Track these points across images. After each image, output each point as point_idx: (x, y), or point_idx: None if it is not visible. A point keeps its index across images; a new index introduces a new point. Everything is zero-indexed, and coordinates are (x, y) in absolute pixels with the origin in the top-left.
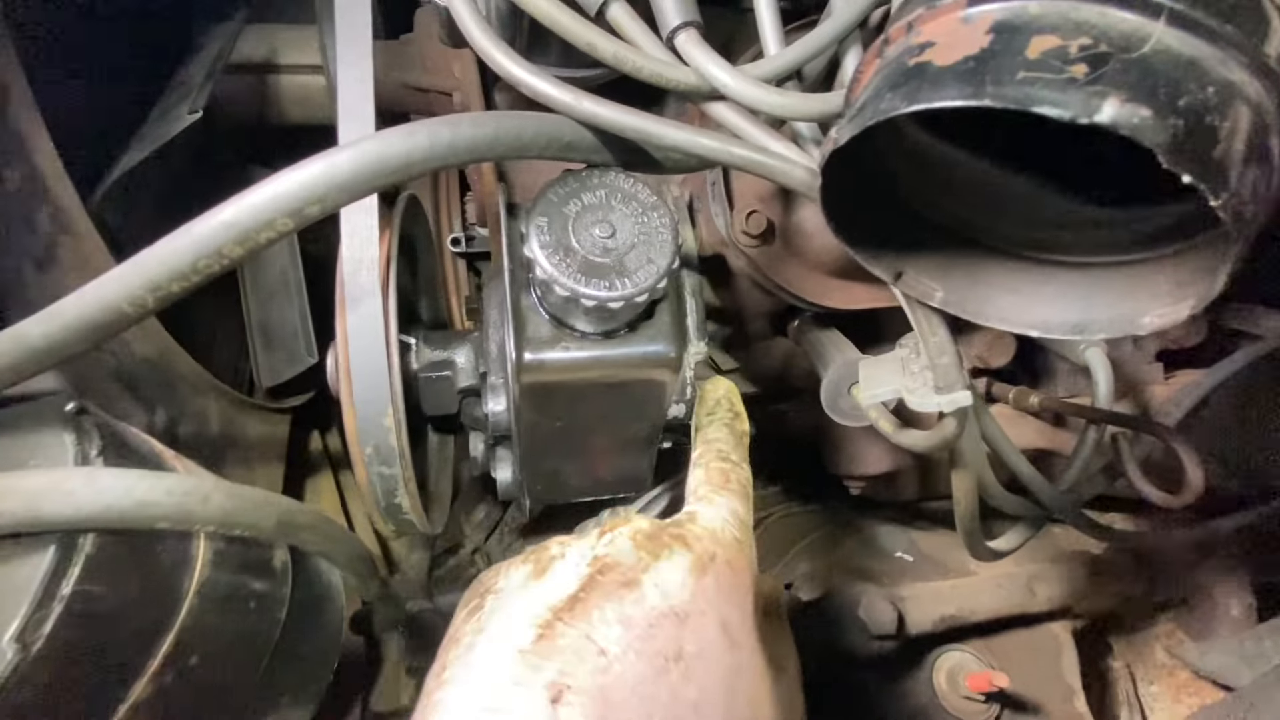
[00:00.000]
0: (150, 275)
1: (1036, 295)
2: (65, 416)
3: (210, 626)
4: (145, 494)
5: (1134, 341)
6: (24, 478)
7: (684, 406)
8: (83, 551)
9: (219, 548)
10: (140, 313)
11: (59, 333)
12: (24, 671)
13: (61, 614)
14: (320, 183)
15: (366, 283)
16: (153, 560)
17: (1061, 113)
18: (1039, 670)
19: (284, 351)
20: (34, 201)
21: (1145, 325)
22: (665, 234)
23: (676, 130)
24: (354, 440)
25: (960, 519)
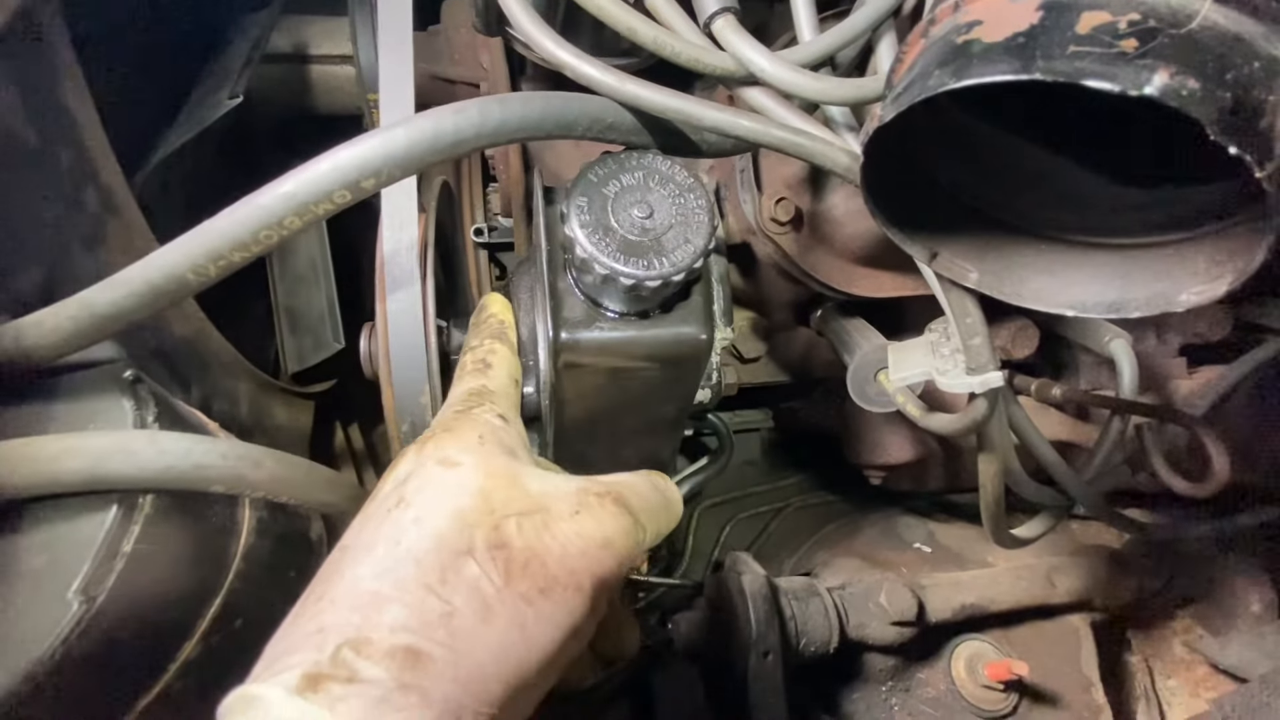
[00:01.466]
0: (214, 244)
1: (1072, 276)
2: (124, 383)
3: (254, 592)
4: (202, 457)
5: (1157, 335)
6: (89, 438)
7: (708, 391)
8: (142, 511)
9: (261, 516)
10: (202, 281)
11: (125, 299)
12: (87, 624)
13: (123, 570)
14: (377, 157)
15: (406, 263)
16: (204, 524)
17: (1112, 86)
18: (1057, 661)
19: (310, 337)
20: (83, 181)
21: (1183, 302)
22: (702, 215)
23: (717, 111)
24: (391, 417)
25: (985, 505)
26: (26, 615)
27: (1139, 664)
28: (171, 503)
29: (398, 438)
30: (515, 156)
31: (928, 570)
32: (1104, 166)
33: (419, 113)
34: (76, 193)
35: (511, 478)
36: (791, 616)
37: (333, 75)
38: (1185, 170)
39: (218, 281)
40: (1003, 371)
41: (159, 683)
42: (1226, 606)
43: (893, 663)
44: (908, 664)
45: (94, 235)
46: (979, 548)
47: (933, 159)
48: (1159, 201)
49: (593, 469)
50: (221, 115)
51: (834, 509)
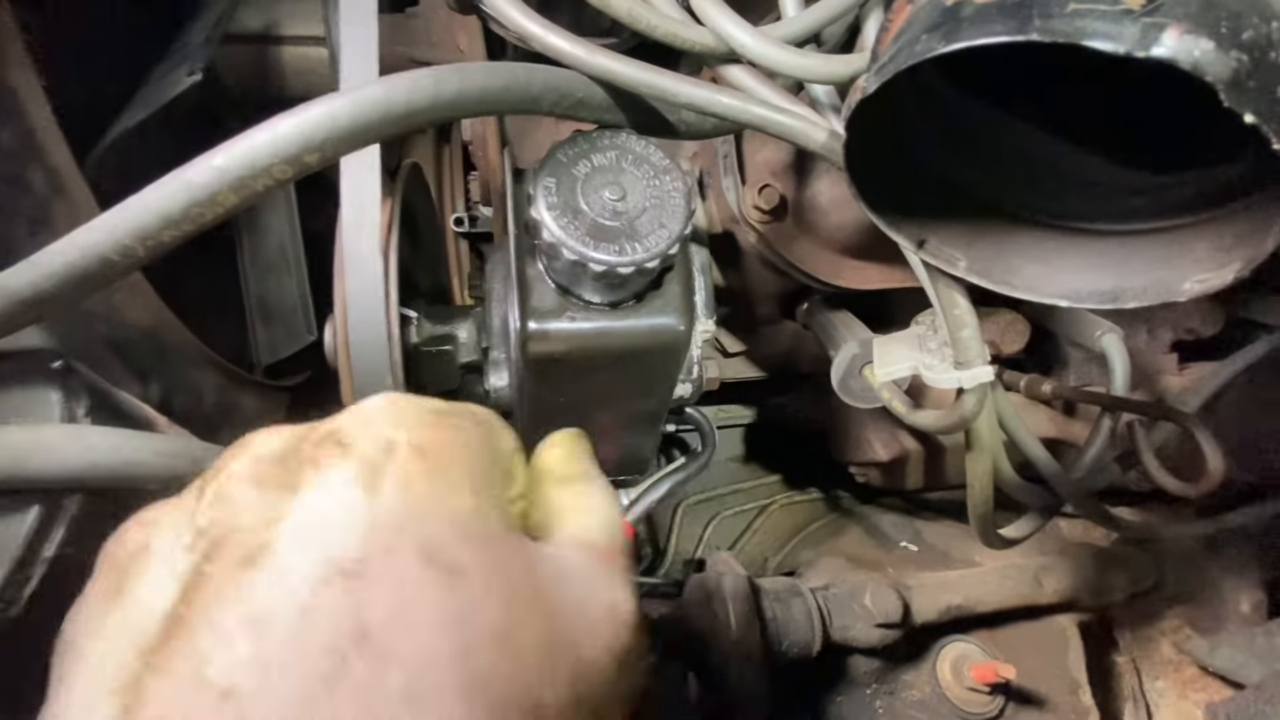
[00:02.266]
0: (140, 222)
1: (1066, 264)
2: (51, 374)
3: None
4: (133, 454)
5: (1148, 331)
6: (7, 433)
7: (689, 386)
8: (68, 513)
9: None
10: (130, 262)
11: (44, 282)
12: (1, 633)
13: (44, 577)
14: (320, 128)
15: (367, 247)
16: None
17: (1116, 46)
18: (1044, 663)
19: (283, 328)
20: (28, 161)
21: (1186, 291)
22: (678, 198)
23: (694, 87)
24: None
25: (973, 504)
26: None
27: (1126, 665)
28: (103, 503)
29: None
30: (494, 141)
31: (914, 570)
32: (1101, 147)
33: (368, 81)
34: (20, 173)
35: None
36: (773, 618)
37: (304, 57)
38: (1189, 151)
39: (149, 263)
40: (992, 366)
41: None
42: (1215, 607)
43: (877, 665)
44: (893, 666)
45: (39, 218)
46: (966, 546)
47: (921, 141)
48: (1159, 185)
49: None
50: (182, 93)
51: (819, 507)
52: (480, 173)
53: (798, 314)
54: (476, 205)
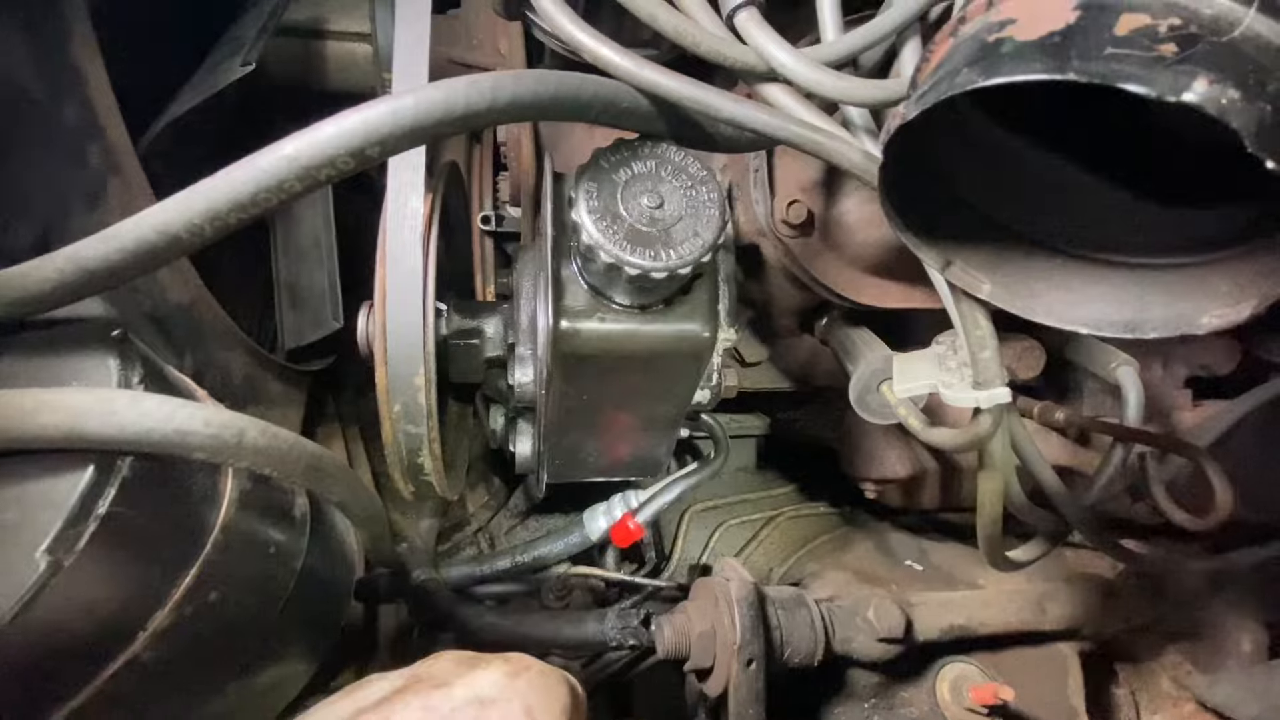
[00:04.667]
0: (211, 204)
1: (1088, 293)
2: (110, 342)
3: (231, 565)
4: (185, 422)
5: (1163, 366)
6: (69, 394)
7: (708, 392)
8: (120, 474)
9: (245, 488)
10: (196, 241)
11: (115, 255)
12: (53, 585)
13: (95, 532)
14: (384, 124)
15: (409, 239)
16: (184, 491)
17: (1149, 90)
18: (1043, 689)
19: (310, 314)
20: (87, 138)
21: (1204, 325)
22: (713, 209)
23: (735, 103)
24: (383, 396)
25: (982, 524)
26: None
27: (1125, 697)
28: (151, 468)
29: (389, 418)
30: (528, 143)
31: (918, 588)
32: (1127, 183)
33: (430, 84)
34: (79, 149)
35: None
36: (777, 625)
37: (349, 52)
38: (1211, 189)
39: (213, 242)
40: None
41: (126, 651)
42: (1217, 644)
43: (877, 680)
44: (892, 682)
45: (95, 193)
46: (970, 569)
47: (952, 167)
48: (1180, 221)
49: (585, 465)
50: (233, 82)
51: (826, 521)
52: (511, 174)
53: (816, 329)
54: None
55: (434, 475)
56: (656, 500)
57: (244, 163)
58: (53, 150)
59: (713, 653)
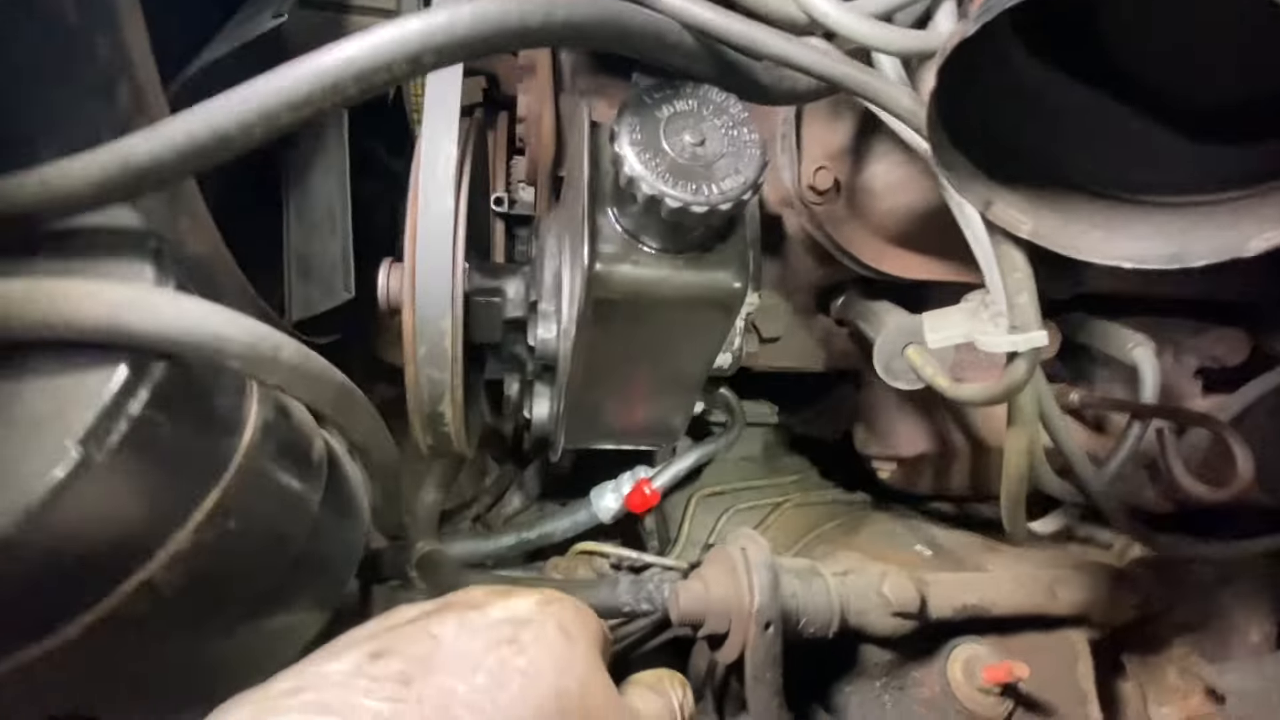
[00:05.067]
0: (264, 101)
1: (1131, 231)
2: (149, 250)
3: (252, 496)
4: (222, 327)
5: (1174, 356)
6: (111, 287)
7: (729, 356)
8: (153, 378)
9: (268, 419)
10: (246, 140)
11: (164, 151)
12: (81, 479)
13: (127, 433)
14: (441, 32)
15: (443, 181)
16: (211, 409)
17: None
18: (1054, 674)
19: (321, 284)
20: (118, 75)
21: (1252, 248)
22: (754, 149)
23: (783, 40)
24: (409, 339)
25: (1007, 483)
26: (24, 459)
27: (1133, 690)
28: (184, 376)
29: (413, 361)
30: (548, 119)
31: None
32: (1171, 122)
33: None
34: (109, 86)
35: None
36: (793, 594)
37: None
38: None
39: (262, 144)
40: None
41: (145, 568)
42: (1224, 636)
43: (889, 658)
44: (904, 661)
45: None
46: (980, 556)
47: (994, 109)
48: (1228, 156)
49: (603, 428)
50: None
51: (834, 509)
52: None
53: (833, 309)
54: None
55: (453, 426)
56: (673, 467)
57: (300, 61)
58: (84, 81)
59: (729, 618)
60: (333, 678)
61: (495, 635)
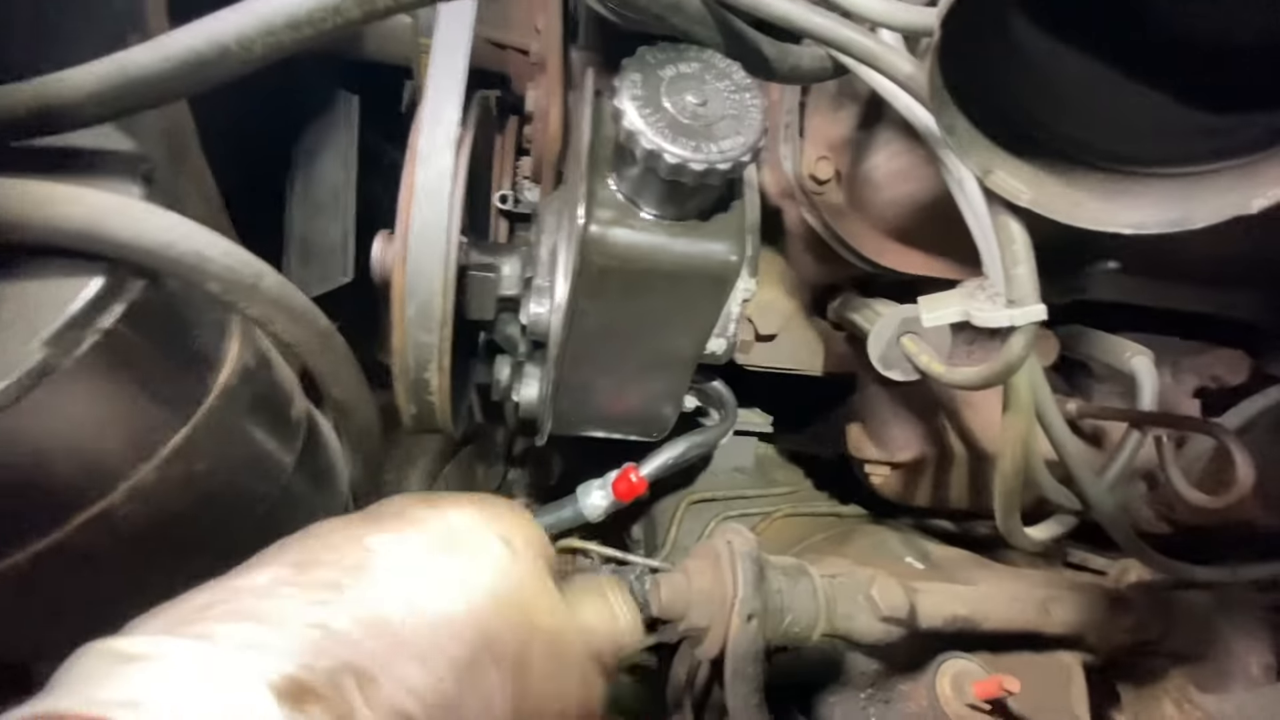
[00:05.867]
0: (266, 16)
1: (1131, 200)
2: (139, 173)
3: (222, 440)
4: (204, 247)
5: (1173, 374)
6: (93, 194)
7: (723, 342)
8: (130, 294)
9: (248, 363)
10: (246, 56)
11: (162, 64)
12: (44, 386)
13: (95, 345)
14: None
15: (441, 141)
16: (189, 341)
17: None
18: (1047, 695)
19: (320, 267)
20: (131, 28)
21: (1255, 205)
22: (755, 114)
23: (790, 3)
24: (399, 298)
25: (1001, 476)
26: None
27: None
28: (163, 300)
29: (401, 322)
30: (556, 113)
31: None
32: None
33: None
34: (121, 37)
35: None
36: (779, 590)
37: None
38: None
39: (262, 64)
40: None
41: (105, 497)
42: (1223, 667)
43: (875, 668)
44: (891, 672)
45: None
46: (972, 571)
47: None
48: (1230, 126)
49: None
50: None
51: (825, 521)
52: (535, 144)
53: (829, 310)
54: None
55: (438, 395)
56: (662, 454)
57: None
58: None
59: (711, 610)
60: (255, 590)
61: (432, 544)
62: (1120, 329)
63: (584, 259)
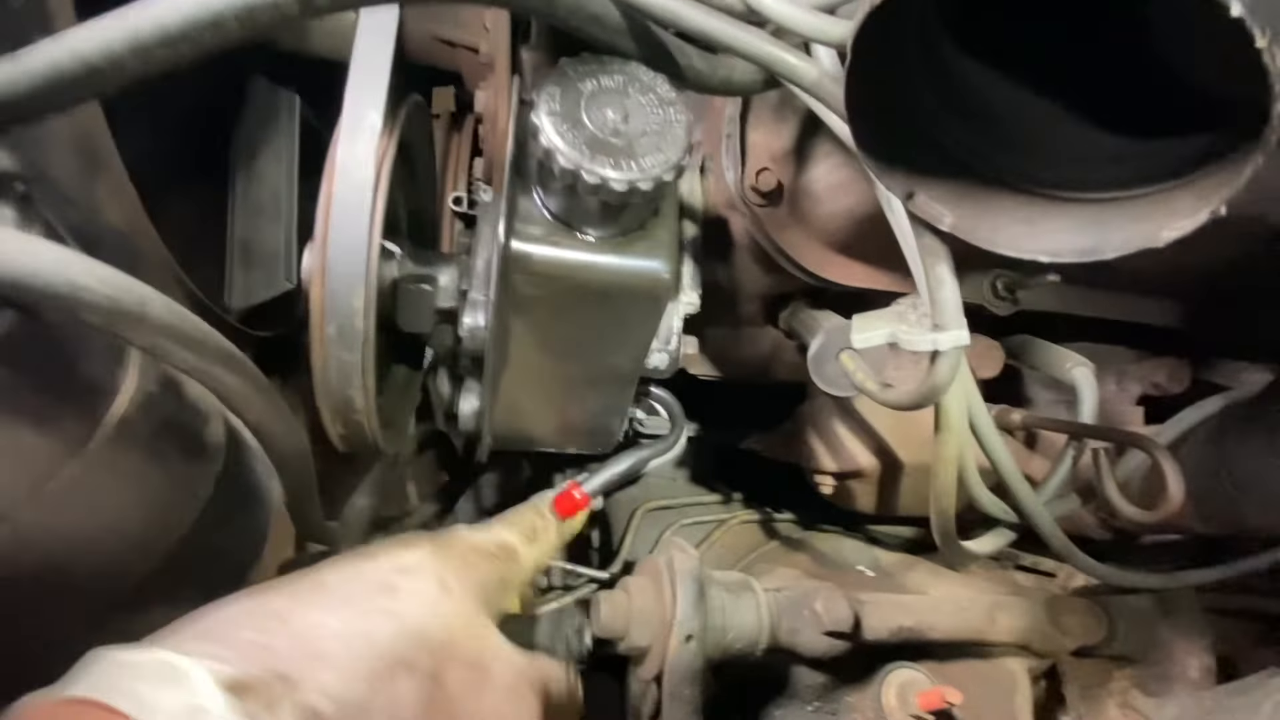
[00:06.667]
0: (136, 31)
1: (1049, 225)
2: (11, 193)
3: (118, 472)
4: (79, 275)
5: (1117, 383)
6: None
7: (665, 356)
8: None
9: (150, 391)
10: (117, 75)
11: (23, 79)
12: None
13: None
14: None
15: (362, 152)
16: (71, 372)
17: None
18: (991, 703)
19: (262, 273)
20: (33, 25)
21: (1164, 238)
22: (679, 130)
23: (707, 15)
24: (317, 317)
25: (936, 497)
26: None
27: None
28: (35, 331)
29: (321, 341)
30: (504, 116)
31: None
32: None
33: None
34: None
35: (480, 636)
36: (721, 607)
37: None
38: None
39: (130, 83)
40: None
41: None
42: (1164, 669)
43: (821, 680)
44: (837, 685)
45: None
46: (923, 579)
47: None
48: (1141, 153)
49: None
50: None
51: (780, 527)
52: (487, 151)
53: (780, 319)
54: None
55: (364, 416)
56: (605, 471)
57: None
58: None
59: (651, 630)
60: (224, 615)
61: (377, 581)
62: (1069, 337)
63: (505, 278)
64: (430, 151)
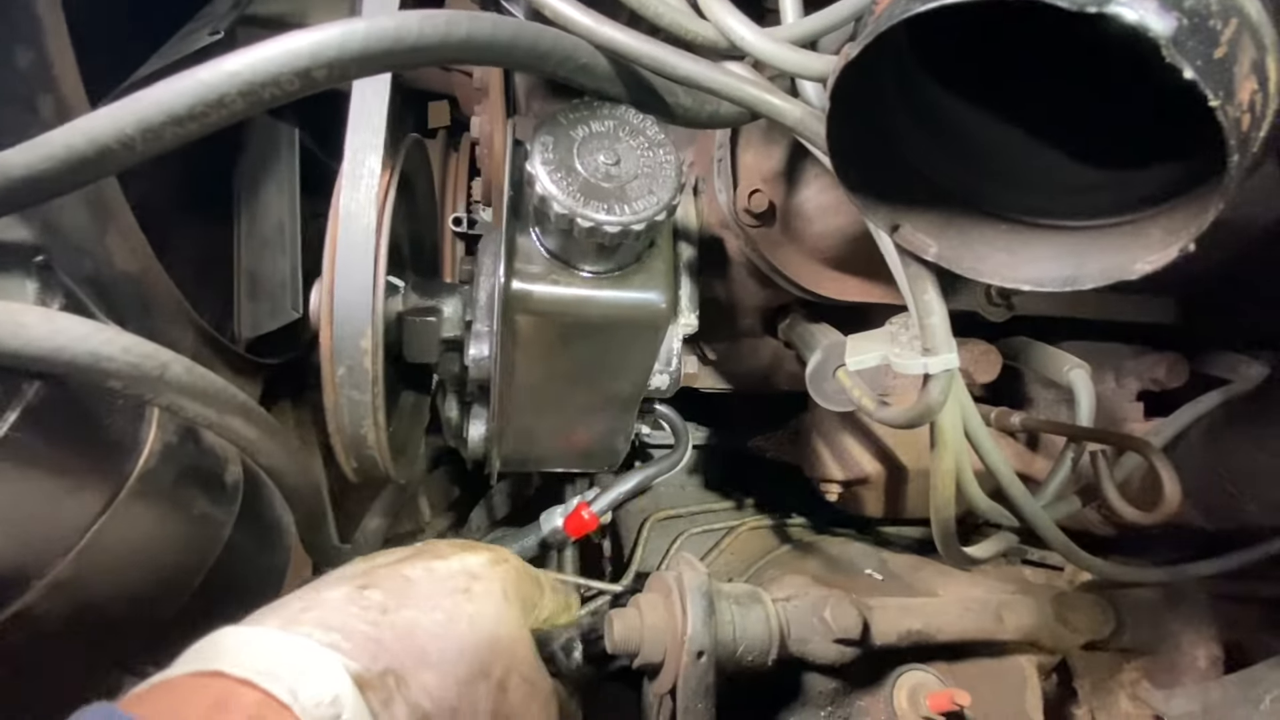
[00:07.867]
0: (145, 113)
1: (1030, 254)
2: (31, 266)
3: (146, 518)
4: (101, 346)
5: (1115, 379)
6: None
7: (667, 377)
8: (24, 398)
9: (170, 441)
10: (129, 155)
11: (41, 163)
12: None
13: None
14: (332, 46)
15: (364, 198)
16: (97, 431)
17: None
18: (1002, 701)
19: (269, 303)
20: (40, 88)
21: (1137, 271)
22: (669, 170)
23: (692, 62)
24: (327, 359)
25: (936, 509)
26: None
27: (1085, 716)
28: (62, 398)
29: (332, 382)
30: (500, 139)
31: (877, 595)
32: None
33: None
34: (31, 97)
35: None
36: (731, 620)
37: None
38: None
39: (145, 159)
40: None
41: (19, 599)
42: (1173, 660)
43: (833, 686)
44: (848, 690)
45: None
46: (930, 580)
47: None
48: (1113, 183)
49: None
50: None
51: (788, 532)
52: (484, 170)
53: (779, 330)
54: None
55: (377, 449)
56: (613, 489)
57: (185, 74)
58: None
59: (664, 646)
60: (333, 602)
61: (453, 584)
62: (1066, 335)
63: (507, 315)
64: (429, 178)
